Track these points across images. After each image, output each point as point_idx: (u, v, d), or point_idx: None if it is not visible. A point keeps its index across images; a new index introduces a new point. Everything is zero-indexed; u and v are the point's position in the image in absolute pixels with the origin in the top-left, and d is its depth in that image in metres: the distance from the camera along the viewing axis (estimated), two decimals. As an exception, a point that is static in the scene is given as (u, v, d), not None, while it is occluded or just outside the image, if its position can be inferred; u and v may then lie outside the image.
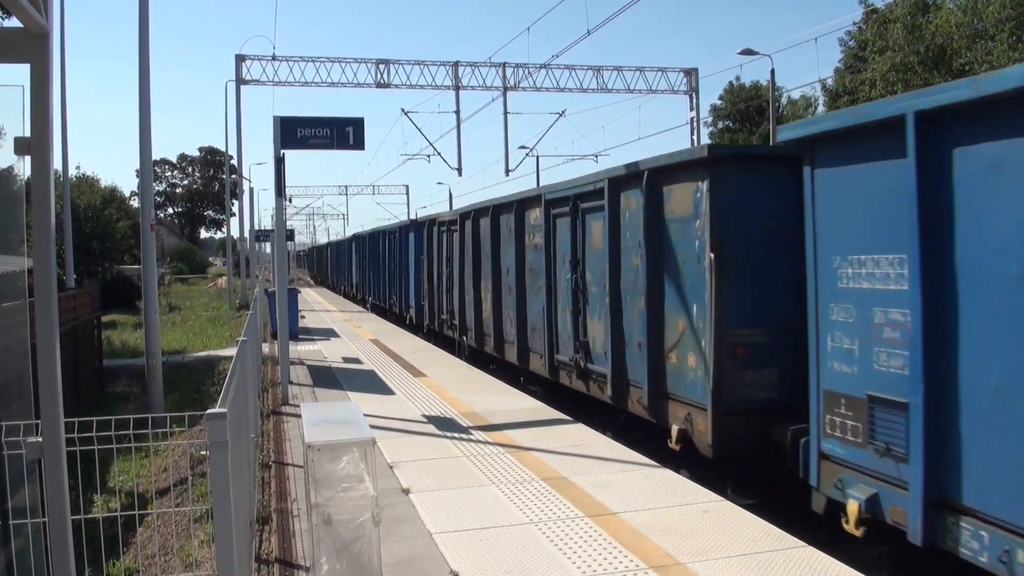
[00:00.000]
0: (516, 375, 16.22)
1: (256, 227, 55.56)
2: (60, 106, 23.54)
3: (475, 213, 19.04)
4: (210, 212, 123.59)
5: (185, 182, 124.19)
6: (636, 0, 21.68)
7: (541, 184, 48.95)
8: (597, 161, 44.01)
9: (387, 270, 33.72)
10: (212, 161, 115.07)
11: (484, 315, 18.50)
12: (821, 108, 58.40)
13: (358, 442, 5.77)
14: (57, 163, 23.85)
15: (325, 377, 16.17)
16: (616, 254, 11.50)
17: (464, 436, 10.76)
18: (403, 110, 34.68)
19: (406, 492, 8.33)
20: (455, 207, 48.38)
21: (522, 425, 11.27)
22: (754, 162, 9.49)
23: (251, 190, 53.65)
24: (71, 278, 24.05)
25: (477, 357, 19.12)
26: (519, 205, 15.84)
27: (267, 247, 53.47)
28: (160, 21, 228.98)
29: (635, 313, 10.93)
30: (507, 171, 34.10)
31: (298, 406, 12.20)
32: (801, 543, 6.69)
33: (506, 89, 33.95)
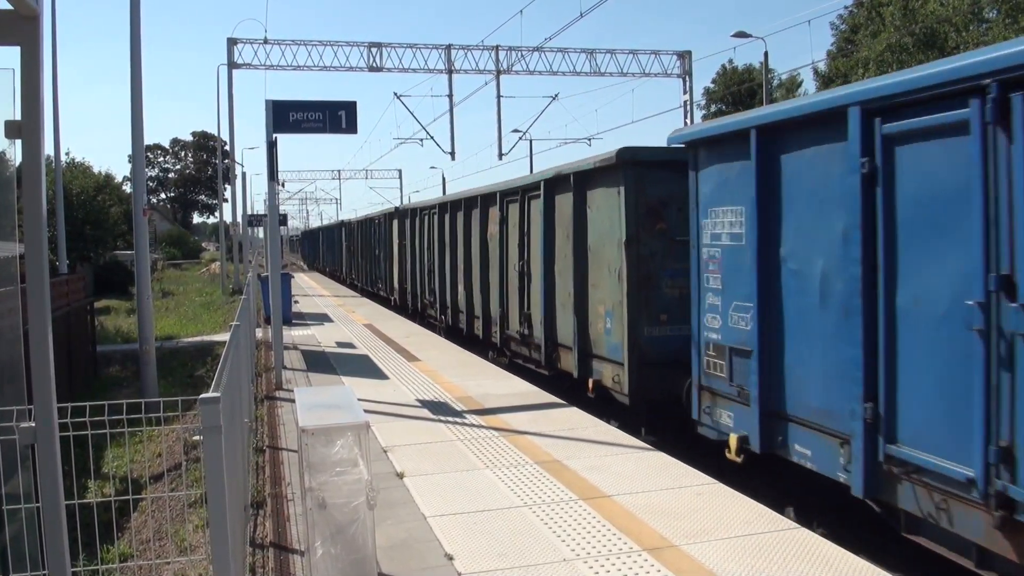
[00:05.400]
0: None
1: (249, 212, 55.39)
2: (52, 89, 23.42)
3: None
4: (203, 197, 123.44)
5: (178, 167, 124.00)
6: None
7: (534, 168, 49.05)
8: (591, 145, 43.94)
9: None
10: (205, 146, 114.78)
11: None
12: (811, 86, 58.32)
13: (352, 426, 5.77)
14: (48, 148, 23.78)
15: (319, 362, 16.17)
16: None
17: (458, 420, 10.78)
18: (396, 94, 34.70)
19: (400, 476, 8.35)
20: (448, 191, 48.37)
21: (516, 409, 11.30)
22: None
23: (243, 175, 53.59)
24: (64, 264, 24.01)
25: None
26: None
27: (260, 232, 53.32)
28: (151, 3, 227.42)
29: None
30: (500, 155, 34.13)
31: (292, 391, 12.19)
32: (794, 525, 6.74)
33: (499, 72, 33.87)
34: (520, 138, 40.85)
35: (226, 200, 66.62)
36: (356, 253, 41.40)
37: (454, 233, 20.35)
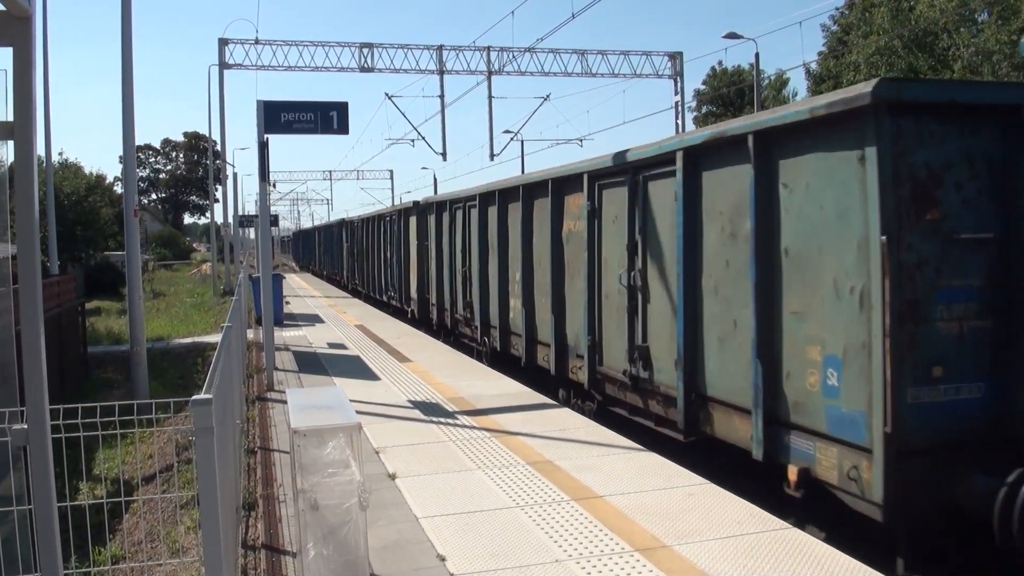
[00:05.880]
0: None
1: (240, 212, 55.32)
2: (43, 90, 23.37)
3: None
4: (194, 198, 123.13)
5: (169, 167, 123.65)
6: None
7: (525, 169, 48.96)
8: (582, 145, 44.16)
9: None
10: (196, 146, 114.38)
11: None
12: (802, 86, 58.67)
13: (344, 427, 5.77)
14: (40, 148, 23.67)
15: (310, 363, 16.15)
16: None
17: (450, 421, 10.78)
18: (387, 94, 34.66)
19: (392, 477, 8.35)
20: (440, 192, 48.29)
21: (508, 409, 11.30)
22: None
23: (235, 175, 53.65)
24: (55, 264, 23.93)
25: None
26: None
27: (251, 232, 53.22)
28: (143, 3, 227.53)
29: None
30: (492, 155, 34.09)
31: (283, 392, 12.19)
32: (786, 525, 6.76)
33: (490, 73, 33.84)
34: (512, 139, 41.02)
35: (217, 201, 66.42)
36: (359, 255, 36.50)
37: (504, 231, 15.95)
